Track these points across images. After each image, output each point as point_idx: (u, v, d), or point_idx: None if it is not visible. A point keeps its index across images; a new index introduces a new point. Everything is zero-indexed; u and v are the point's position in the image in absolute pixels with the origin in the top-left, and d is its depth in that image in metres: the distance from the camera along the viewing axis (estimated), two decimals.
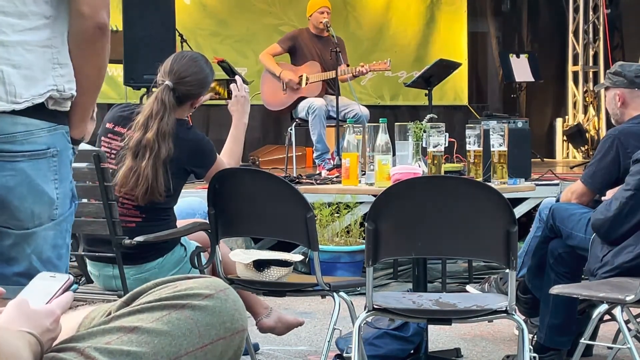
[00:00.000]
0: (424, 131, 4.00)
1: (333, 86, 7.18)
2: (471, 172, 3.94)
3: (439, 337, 4.66)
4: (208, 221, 3.61)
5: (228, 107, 4.00)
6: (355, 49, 9.52)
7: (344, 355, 3.90)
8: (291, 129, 7.39)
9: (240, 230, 3.83)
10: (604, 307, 3.37)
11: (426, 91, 7.28)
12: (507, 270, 3.03)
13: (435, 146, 3.87)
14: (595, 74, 10.83)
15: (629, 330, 3.47)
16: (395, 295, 3.53)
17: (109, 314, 1.51)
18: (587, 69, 10.92)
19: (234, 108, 3.97)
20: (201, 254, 3.70)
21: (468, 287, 4.56)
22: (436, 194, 3.11)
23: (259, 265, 3.51)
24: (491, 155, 3.98)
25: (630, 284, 3.42)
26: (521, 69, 9.73)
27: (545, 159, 9.74)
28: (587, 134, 10.68)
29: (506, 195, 3.03)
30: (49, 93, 2.18)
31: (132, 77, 6.88)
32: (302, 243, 3.45)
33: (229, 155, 3.87)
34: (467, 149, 3.97)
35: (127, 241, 3.50)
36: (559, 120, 10.94)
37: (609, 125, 6.64)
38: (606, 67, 9.65)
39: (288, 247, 5.55)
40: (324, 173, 6.88)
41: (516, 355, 3.51)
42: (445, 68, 7.45)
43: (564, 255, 3.98)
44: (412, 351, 4.09)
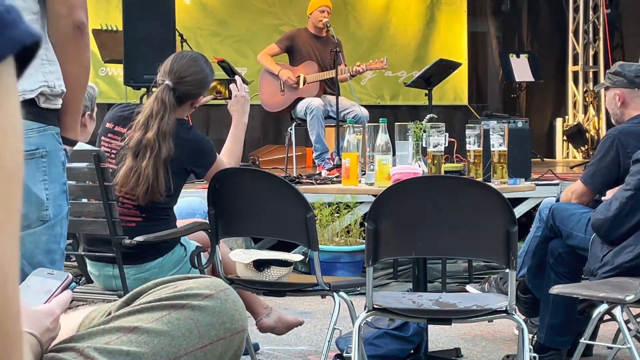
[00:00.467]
0: (424, 131, 3.99)
1: (332, 86, 7.17)
2: (471, 172, 3.94)
3: (439, 337, 4.66)
4: (208, 221, 3.61)
5: (228, 107, 4.00)
6: (355, 49, 9.52)
7: (344, 355, 3.90)
8: (291, 129, 7.38)
9: (240, 230, 3.83)
10: (604, 307, 3.37)
11: (426, 91, 7.27)
12: (507, 270, 3.03)
13: (435, 146, 3.87)
14: (595, 74, 10.82)
15: (629, 330, 3.47)
16: (395, 295, 3.53)
17: (109, 314, 1.51)
18: (587, 69, 10.91)
19: (234, 108, 3.97)
20: (201, 254, 3.70)
21: (468, 287, 4.56)
22: (436, 194, 3.11)
23: (259, 265, 3.51)
24: (491, 155, 3.98)
25: (630, 284, 3.42)
26: (521, 69, 9.73)
27: (545, 159, 9.74)
28: (587, 134, 10.67)
29: (506, 195, 3.03)
30: (41, 89, 2.18)
31: (132, 77, 6.87)
32: (302, 243, 3.45)
33: (229, 155, 3.87)
34: (467, 149, 3.97)
35: (127, 241, 3.50)
36: (559, 120, 10.94)
37: (609, 125, 6.64)
38: (606, 67, 9.64)
39: (288, 247, 5.55)
40: (324, 173, 6.87)
41: (516, 355, 3.51)
42: (445, 68, 7.45)
43: (564, 255, 3.98)
44: (412, 351, 4.09)
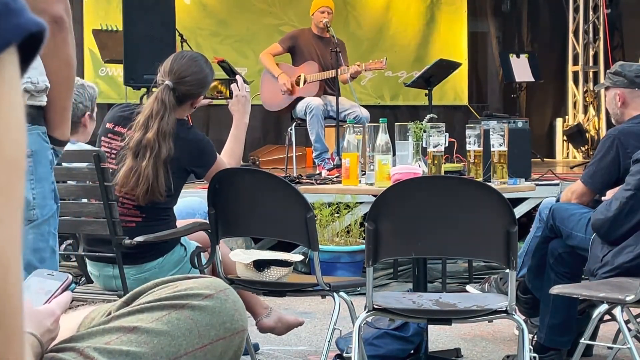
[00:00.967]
0: (424, 131, 3.99)
1: (332, 86, 7.17)
2: (471, 172, 3.94)
3: (439, 337, 4.66)
4: (208, 221, 3.61)
5: (229, 107, 4.00)
6: (355, 49, 9.52)
7: (344, 355, 3.90)
8: (291, 129, 7.38)
9: (240, 230, 3.83)
10: (604, 307, 3.37)
11: (426, 91, 7.27)
12: (507, 270, 3.03)
13: (435, 146, 3.87)
14: (595, 74, 10.82)
15: (629, 330, 3.47)
16: (395, 295, 3.53)
17: (109, 314, 1.51)
18: (587, 69, 10.91)
19: (234, 108, 3.97)
20: (201, 254, 3.70)
21: (468, 287, 4.56)
22: (436, 194, 3.11)
23: (259, 265, 3.51)
24: (491, 155, 3.98)
25: (630, 284, 3.42)
26: (521, 69, 9.73)
27: (545, 159, 9.73)
28: (587, 134, 10.67)
29: (506, 195, 3.03)
30: (24, 85, 2.16)
31: (132, 77, 6.88)
32: (302, 243, 3.45)
33: (229, 155, 3.87)
34: (467, 149, 3.96)
35: (127, 241, 3.49)
36: (559, 120, 10.94)
37: (609, 125, 6.64)
38: (606, 67, 9.64)
39: (288, 247, 5.54)
40: (324, 173, 6.86)
41: (516, 355, 3.51)
42: (445, 68, 7.45)
43: (564, 255, 3.98)
44: (412, 351, 4.09)
